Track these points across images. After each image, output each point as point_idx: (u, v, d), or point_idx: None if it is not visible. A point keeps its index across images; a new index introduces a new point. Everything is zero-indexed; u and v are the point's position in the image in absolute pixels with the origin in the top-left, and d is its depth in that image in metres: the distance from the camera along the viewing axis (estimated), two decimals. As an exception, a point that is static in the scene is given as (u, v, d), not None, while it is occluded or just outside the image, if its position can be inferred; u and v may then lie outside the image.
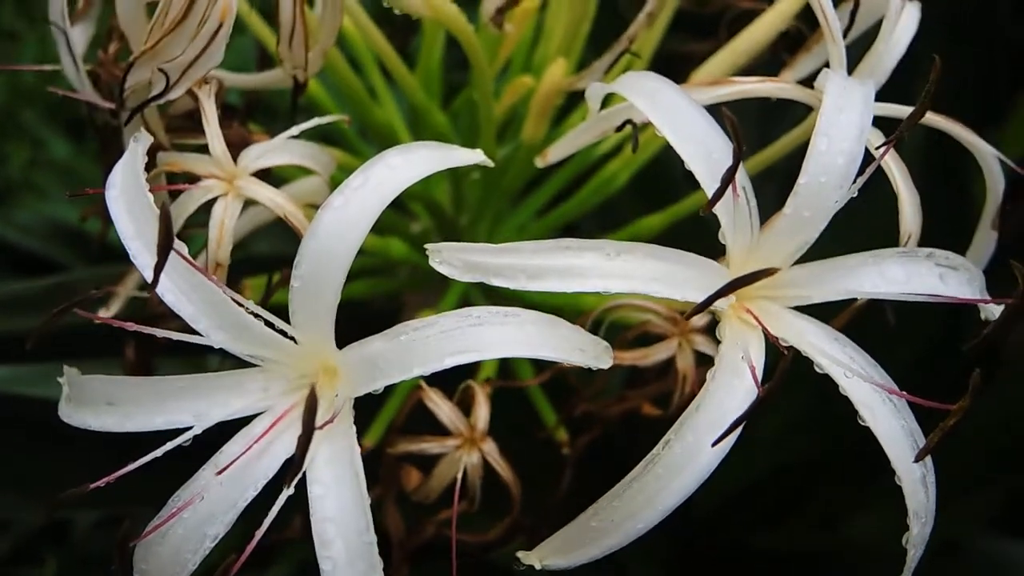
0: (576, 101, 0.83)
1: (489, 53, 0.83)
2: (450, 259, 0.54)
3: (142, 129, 0.65)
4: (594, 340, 0.54)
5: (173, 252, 0.54)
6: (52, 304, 0.60)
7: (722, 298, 0.53)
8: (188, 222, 0.64)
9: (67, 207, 1.61)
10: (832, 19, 0.65)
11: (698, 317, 0.66)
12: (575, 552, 0.54)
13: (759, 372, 0.55)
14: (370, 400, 0.56)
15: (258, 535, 0.53)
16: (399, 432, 0.72)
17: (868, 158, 0.59)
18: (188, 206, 0.64)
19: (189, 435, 0.56)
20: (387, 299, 0.95)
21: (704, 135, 0.58)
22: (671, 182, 0.87)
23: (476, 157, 0.58)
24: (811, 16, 0.68)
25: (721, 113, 0.56)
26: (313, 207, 0.62)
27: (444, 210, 0.88)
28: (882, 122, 0.62)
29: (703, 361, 0.71)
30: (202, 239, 0.64)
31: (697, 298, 0.54)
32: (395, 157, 0.56)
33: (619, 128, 0.66)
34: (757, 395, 0.53)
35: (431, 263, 0.54)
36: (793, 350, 0.56)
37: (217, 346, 0.57)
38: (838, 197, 0.58)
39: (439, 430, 0.69)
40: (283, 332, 0.57)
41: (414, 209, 0.92)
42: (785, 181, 0.59)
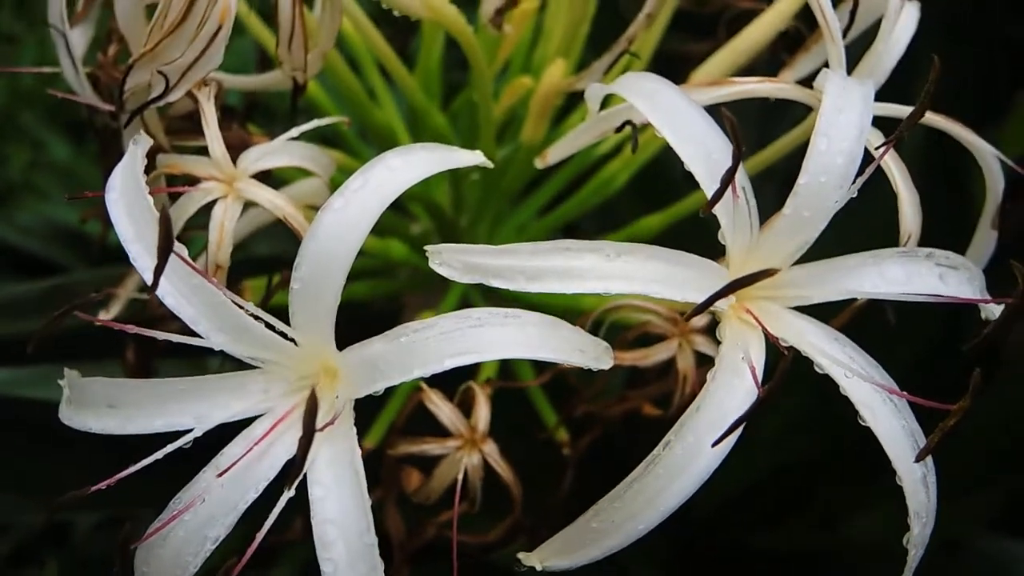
0: (575, 102, 0.83)
1: (488, 54, 0.83)
2: (450, 260, 0.54)
3: (142, 131, 0.65)
4: (594, 341, 0.54)
5: (173, 254, 0.54)
6: (52, 306, 0.60)
7: (722, 299, 0.53)
8: (188, 224, 0.64)
9: (67, 209, 1.61)
10: (831, 19, 0.65)
11: (698, 317, 0.66)
12: (576, 553, 0.54)
13: (759, 372, 0.55)
14: (371, 401, 0.56)
15: (259, 537, 0.53)
16: (400, 433, 0.72)
17: (868, 158, 0.59)
18: (188, 208, 0.64)
19: (190, 437, 0.56)
20: (387, 300, 0.96)
21: (703, 135, 0.58)
22: (671, 182, 0.87)
23: (476, 158, 0.58)
24: (810, 16, 0.68)
25: (720, 113, 0.56)
26: (313, 209, 0.62)
27: (444, 211, 0.88)
28: (882, 122, 0.62)
29: (703, 361, 0.71)
30: (202, 241, 0.64)
31: (697, 299, 0.54)
32: (395, 159, 0.56)
33: (619, 129, 0.66)
34: (757, 395, 0.53)
35: (431, 265, 0.54)
36: (793, 350, 0.56)
37: (217, 348, 0.57)
38: (838, 197, 0.58)
39: (440, 431, 0.69)
40: (283, 334, 0.57)
41: (414, 210, 0.92)
42: (785, 181, 0.59)
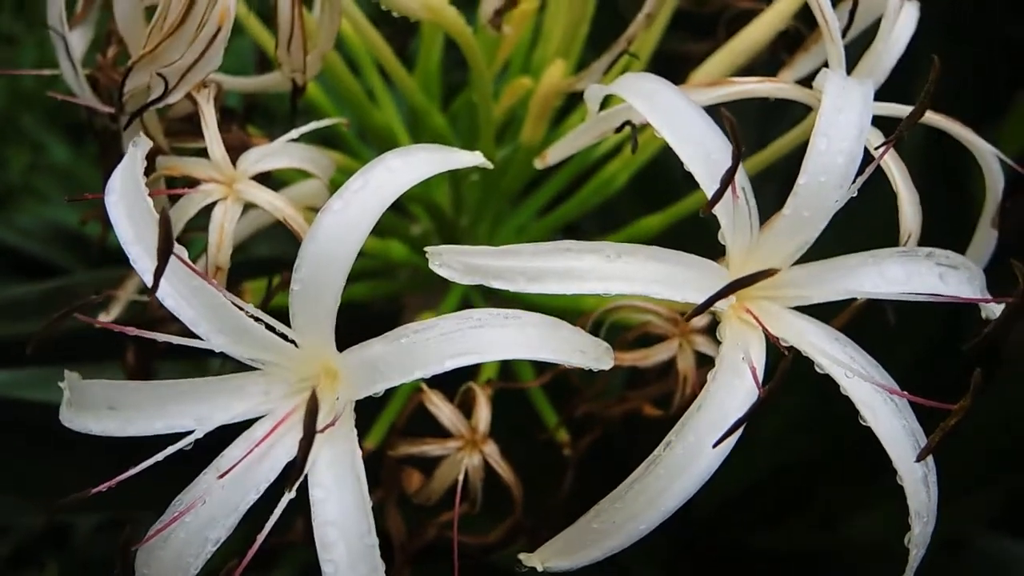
0: (575, 102, 0.83)
1: (488, 55, 0.83)
2: (450, 262, 0.54)
3: (141, 133, 0.65)
4: (595, 341, 0.54)
5: (173, 256, 0.54)
6: (52, 308, 0.60)
7: (722, 299, 0.53)
8: (188, 226, 0.64)
9: (67, 211, 1.61)
10: (831, 19, 0.65)
11: (699, 318, 0.66)
12: (577, 554, 0.54)
13: (760, 372, 0.55)
14: (371, 403, 0.56)
15: (260, 538, 0.53)
16: (400, 434, 0.72)
17: (867, 158, 0.59)
18: (188, 210, 0.64)
19: (190, 439, 0.56)
20: (387, 301, 0.95)
21: (703, 136, 0.58)
22: (671, 183, 0.87)
23: (475, 159, 0.58)
24: (810, 16, 0.68)
25: (720, 114, 0.56)
26: (313, 210, 0.62)
27: (444, 212, 0.88)
28: (881, 122, 0.62)
29: (704, 362, 0.71)
30: (202, 243, 0.64)
31: (697, 299, 0.54)
32: (394, 160, 0.56)
33: (618, 129, 0.66)
34: (758, 395, 0.53)
35: (431, 266, 0.54)
36: (793, 350, 0.56)
37: (218, 350, 0.57)
38: (838, 197, 0.58)
39: (440, 432, 0.69)
40: (284, 335, 0.57)
41: (414, 211, 0.92)
42: (785, 181, 0.59)
